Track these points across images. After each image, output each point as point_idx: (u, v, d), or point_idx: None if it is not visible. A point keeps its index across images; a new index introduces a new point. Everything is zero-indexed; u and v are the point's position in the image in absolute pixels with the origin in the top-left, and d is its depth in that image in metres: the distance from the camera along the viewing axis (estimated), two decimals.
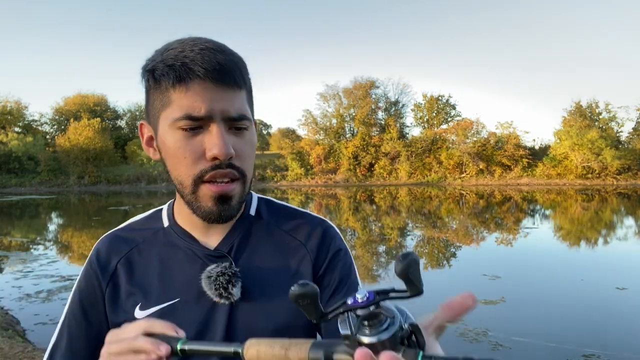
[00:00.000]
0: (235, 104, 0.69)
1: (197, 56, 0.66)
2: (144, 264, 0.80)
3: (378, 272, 7.63)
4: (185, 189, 0.72)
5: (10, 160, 44.21)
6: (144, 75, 0.72)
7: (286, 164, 46.11)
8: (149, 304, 0.76)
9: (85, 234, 12.79)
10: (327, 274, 0.81)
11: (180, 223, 0.81)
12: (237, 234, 0.80)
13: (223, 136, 0.68)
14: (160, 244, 0.81)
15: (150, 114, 0.74)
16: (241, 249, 0.79)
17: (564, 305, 5.44)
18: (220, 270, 0.73)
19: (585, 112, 40.68)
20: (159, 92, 0.70)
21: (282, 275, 0.79)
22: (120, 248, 0.82)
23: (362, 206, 20.84)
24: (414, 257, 0.44)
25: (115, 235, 0.84)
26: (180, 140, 0.69)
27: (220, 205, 0.72)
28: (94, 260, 0.82)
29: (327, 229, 0.85)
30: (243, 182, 0.73)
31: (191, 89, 0.67)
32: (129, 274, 0.79)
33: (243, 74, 0.71)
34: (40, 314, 5.38)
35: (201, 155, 0.69)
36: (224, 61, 0.68)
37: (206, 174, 0.69)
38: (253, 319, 0.75)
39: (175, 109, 0.68)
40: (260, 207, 0.86)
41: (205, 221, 0.75)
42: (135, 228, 0.85)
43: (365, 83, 46.83)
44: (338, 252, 0.83)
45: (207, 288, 0.73)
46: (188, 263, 0.78)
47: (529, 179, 38.01)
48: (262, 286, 0.77)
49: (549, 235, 11.64)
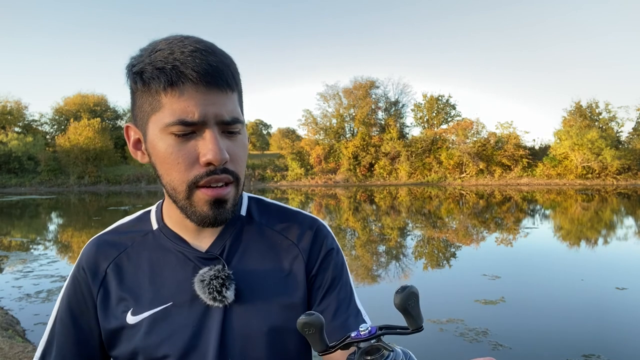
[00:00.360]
0: (228, 107, 0.68)
1: (187, 59, 0.64)
2: (134, 269, 0.78)
3: (378, 272, 7.63)
4: (178, 194, 0.70)
5: (10, 160, 44.19)
6: (129, 75, 0.69)
7: (286, 164, 46.10)
8: (140, 309, 0.74)
9: (85, 234, 12.80)
10: (319, 273, 0.81)
11: (170, 225, 0.80)
12: (228, 236, 0.79)
13: (218, 141, 0.66)
14: (150, 248, 0.79)
15: (138, 117, 0.71)
16: (233, 250, 0.78)
17: (564, 305, 5.44)
18: (213, 274, 0.72)
19: (585, 112, 40.67)
20: (148, 95, 0.67)
21: (275, 276, 0.78)
22: (109, 252, 0.80)
23: (362, 206, 20.84)
24: (413, 289, 0.43)
25: (102, 239, 0.83)
26: (172, 146, 0.67)
27: (216, 210, 0.71)
28: (82, 266, 0.80)
29: (319, 228, 0.85)
30: (237, 185, 0.73)
31: (183, 93, 0.65)
32: (119, 279, 0.77)
33: (234, 75, 0.70)
34: (40, 314, 5.38)
35: (195, 160, 0.68)
36: (216, 63, 0.66)
37: (201, 179, 0.68)
38: (247, 322, 0.74)
39: (167, 114, 0.66)
40: (251, 207, 0.85)
41: (199, 225, 0.73)
42: (123, 231, 0.83)
43: (365, 83, 46.82)
44: (330, 252, 0.83)
45: (201, 292, 0.72)
46: (179, 266, 0.76)
47: (529, 179, 38.01)
48: (255, 288, 0.76)
49: (549, 235, 11.64)
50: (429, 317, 4.87)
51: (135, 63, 0.68)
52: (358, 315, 0.80)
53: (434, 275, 7.47)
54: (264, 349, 0.74)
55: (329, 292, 0.80)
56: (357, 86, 46.91)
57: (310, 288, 0.80)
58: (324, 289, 0.80)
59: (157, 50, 0.67)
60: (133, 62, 0.69)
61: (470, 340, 4.30)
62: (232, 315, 0.74)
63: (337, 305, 0.79)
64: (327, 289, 0.80)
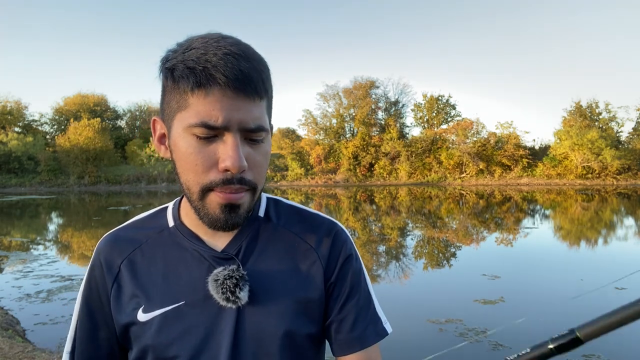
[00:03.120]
0: (254, 114, 0.67)
1: (219, 62, 0.64)
2: (148, 265, 0.78)
3: (378, 272, 7.63)
4: (192, 194, 0.70)
5: (10, 160, 44.20)
6: (162, 70, 0.69)
7: (286, 164, 46.12)
8: (152, 307, 0.74)
9: (85, 234, 12.80)
10: (338, 281, 0.80)
11: (186, 223, 0.79)
12: (245, 236, 0.78)
13: (238, 149, 0.66)
14: (165, 245, 0.79)
15: (165, 112, 0.71)
16: (249, 251, 0.77)
17: (564, 305, 5.44)
18: (227, 274, 0.71)
19: (585, 112, 40.70)
20: (177, 92, 0.67)
21: (292, 279, 0.77)
22: (124, 248, 0.80)
23: (362, 206, 20.85)
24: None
25: (117, 234, 0.82)
26: (193, 147, 0.67)
27: (228, 214, 0.70)
28: (97, 261, 0.80)
29: (338, 233, 0.83)
30: (253, 193, 0.72)
31: (210, 95, 0.64)
32: (132, 275, 0.77)
33: (265, 83, 0.68)
34: (40, 314, 5.38)
35: (213, 164, 0.67)
36: (247, 69, 0.65)
37: (216, 186, 0.68)
38: (260, 324, 0.73)
39: (192, 114, 0.66)
40: (269, 209, 0.84)
41: (211, 228, 0.73)
42: (139, 227, 0.83)
43: (365, 83, 46.84)
44: (349, 258, 0.81)
45: (214, 291, 0.71)
46: (194, 265, 0.75)
47: (529, 179, 38.03)
48: (270, 290, 0.75)
49: (549, 235, 11.64)
50: (428, 317, 4.87)
51: (169, 58, 0.68)
52: (377, 323, 0.80)
53: (433, 275, 7.47)
54: (277, 353, 0.73)
55: (348, 300, 0.79)
56: (357, 86, 46.93)
57: (328, 296, 0.79)
58: (342, 298, 0.79)
59: (191, 48, 0.66)
60: (167, 56, 0.68)
61: (470, 340, 4.30)
62: (245, 317, 0.73)
63: (356, 314, 0.79)
64: (346, 298, 0.79)
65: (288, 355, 0.74)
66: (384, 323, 0.81)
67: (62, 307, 5.64)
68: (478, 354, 4.05)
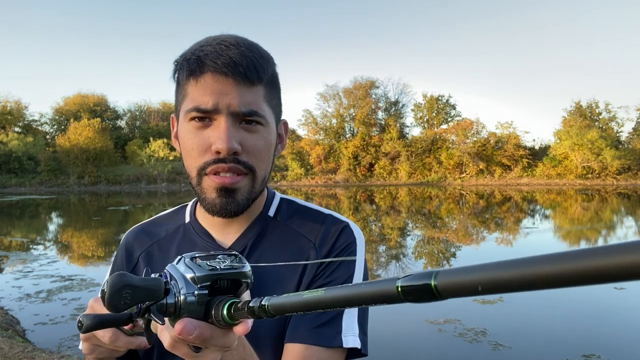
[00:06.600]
0: (246, 98, 0.69)
1: (212, 50, 0.67)
2: (163, 259, 0.81)
3: (378, 272, 7.63)
4: (192, 180, 0.73)
5: (10, 160, 44.19)
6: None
7: (286, 164, 46.12)
8: None
9: (85, 234, 12.79)
10: (319, 279, 0.75)
11: (200, 220, 0.83)
12: (251, 234, 0.80)
13: (228, 130, 0.68)
14: (180, 240, 0.82)
15: (176, 108, 0.76)
16: (253, 249, 0.78)
17: (564, 305, 5.44)
18: None
19: (585, 112, 40.71)
20: (180, 85, 0.72)
21: (291, 281, 0.76)
22: (144, 241, 0.85)
23: (362, 206, 20.84)
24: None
25: (141, 228, 0.88)
26: (190, 132, 0.71)
27: (224, 198, 0.71)
28: (121, 251, 0.86)
29: (344, 231, 0.80)
30: (252, 178, 0.72)
31: (201, 81, 0.68)
32: (148, 267, 0.79)
33: (258, 70, 0.69)
34: (40, 314, 5.37)
35: (207, 148, 0.70)
36: (237, 55, 0.67)
37: (208, 166, 0.70)
38: (256, 325, 0.72)
39: (188, 102, 0.70)
40: (281, 208, 0.85)
41: (209, 214, 0.74)
42: (160, 222, 0.88)
43: (365, 83, 46.85)
44: (346, 263, 0.77)
45: None
46: None
47: (529, 179, 38.03)
48: (269, 288, 0.75)
49: (549, 235, 11.64)
50: (427, 318, 4.86)
51: (177, 58, 0.73)
52: (332, 329, 0.72)
53: None
54: (271, 354, 0.73)
55: None
56: (357, 86, 46.95)
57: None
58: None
59: (197, 45, 0.71)
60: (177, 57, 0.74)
61: (469, 340, 4.30)
62: None
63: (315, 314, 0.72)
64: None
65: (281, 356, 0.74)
66: (343, 334, 0.72)
67: (62, 307, 5.63)
68: (478, 354, 4.04)
